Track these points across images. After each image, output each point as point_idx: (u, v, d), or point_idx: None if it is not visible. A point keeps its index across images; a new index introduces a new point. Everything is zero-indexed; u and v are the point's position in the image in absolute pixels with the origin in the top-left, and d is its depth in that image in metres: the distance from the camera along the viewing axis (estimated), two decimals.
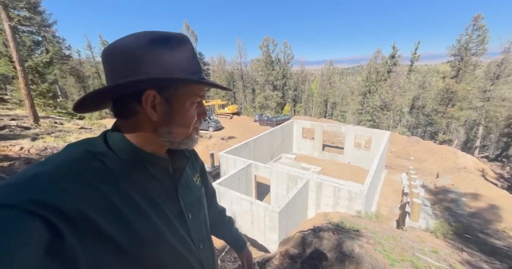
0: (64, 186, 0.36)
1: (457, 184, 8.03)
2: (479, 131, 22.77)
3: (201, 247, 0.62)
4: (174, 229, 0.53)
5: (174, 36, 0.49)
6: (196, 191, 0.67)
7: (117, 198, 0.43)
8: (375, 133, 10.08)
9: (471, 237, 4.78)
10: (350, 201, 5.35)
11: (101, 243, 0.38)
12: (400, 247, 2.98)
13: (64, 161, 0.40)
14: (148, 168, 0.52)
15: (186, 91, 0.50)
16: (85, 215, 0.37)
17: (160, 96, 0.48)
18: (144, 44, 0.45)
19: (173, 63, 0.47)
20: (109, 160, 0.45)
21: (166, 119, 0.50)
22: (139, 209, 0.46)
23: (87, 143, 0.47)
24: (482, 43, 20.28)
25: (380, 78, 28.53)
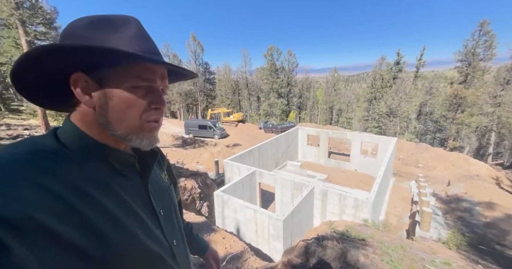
0: (7, 191, 0.32)
1: (470, 192, 7.71)
2: (492, 137, 22.03)
3: (175, 243, 0.59)
4: (144, 226, 0.49)
5: (116, 17, 0.46)
6: (166, 187, 0.65)
7: (74, 198, 0.38)
8: (382, 139, 9.92)
9: (486, 248, 4.53)
10: (356, 209, 5.20)
11: (59, 249, 0.34)
12: (410, 258, 2.85)
13: (7, 162, 0.35)
14: (113, 164, 0.48)
15: (122, 71, 0.43)
16: (36, 220, 0.32)
17: (89, 77, 0.43)
18: (84, 25, 0.43)
19: (107, 39, 0.42)
20: (61, 158, 0.41)
21: (101, 106, 0.44)
22: (103, 208, 0.41)
23: (32, 142, 0.42)
24: (490, 48, 20.03)
25: (385, 84, 28.39)
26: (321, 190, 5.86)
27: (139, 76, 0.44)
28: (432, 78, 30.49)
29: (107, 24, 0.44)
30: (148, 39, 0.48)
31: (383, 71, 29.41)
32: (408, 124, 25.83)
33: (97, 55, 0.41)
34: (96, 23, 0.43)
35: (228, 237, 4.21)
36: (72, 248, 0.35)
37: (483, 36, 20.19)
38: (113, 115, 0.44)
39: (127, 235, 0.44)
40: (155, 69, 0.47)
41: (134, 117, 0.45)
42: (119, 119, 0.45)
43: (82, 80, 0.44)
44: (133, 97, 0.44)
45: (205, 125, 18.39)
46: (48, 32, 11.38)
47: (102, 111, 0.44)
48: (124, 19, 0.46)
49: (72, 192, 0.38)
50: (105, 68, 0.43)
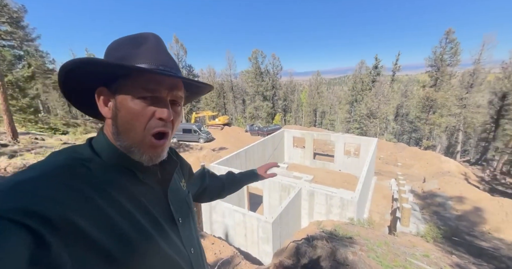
0: (48, 192, 0.35)
1: (443, 188, 8.30)
2: (459, 136, 23.98)
3: (192, 251, 0.60)
4: (164, 233, 0.51)
5: (138, 35, 0.50)
6: (184, 195, 0.66)
7: (105, 203, 0.41)
8: (363, 140, 10.37)
9: (459, 239, 4.91)
10: (342, 208, 5.38)
11: (89, 250, 0.37)
12: (393, 253, 3.02)
13: (49, 168, 0.39)
14: (136, 173, 0.50)
15: (129, 83, 0.46)
16: (72, 221, 0.35)
17: (107, 90, 0.48)
18: (115, 45, 0.49)
19: (127, 57, 0.47)
20: (95, 165, 0.45)
21: (114, 116, 0.48)
22: (128, 214, 0.44)
23: (72, 150, 0.47)
24: (455, 55, 21.93)
25: (365, 87, 29.82)
26: (308, 191, 5.99)
27: (143, 87, 0.46)
28: (406, 82, 32.62)
29: (129, 43, 0.49)
30: (163, 53, 0.51)
31: (363, 74, 30.89)
32: (387, 125, 27.31)
33: (113, 70, 0.45)
34: (120, 44, 0.49)
35: (217, 243, 4.16)
36: (102, 251, 0.38)
37: (449, 43, 22.06)
38: (121, 125, 0.47)
39: (148, 241, 0.46)
40: (160, 80, 0.47)
41: (138, 128, 0.46)
42: (126, 129, 0.47)
43: (103, 92, 0.48)
44: (138, 108, 0.46)
45: (190, 129, 18.04)
46: (14, 32, 10.58)
47: (114, 121, 0.48)
48: (143, 36, 0.50)
49: (102, 197, 0.42)
50: (118, 80, 0.47)
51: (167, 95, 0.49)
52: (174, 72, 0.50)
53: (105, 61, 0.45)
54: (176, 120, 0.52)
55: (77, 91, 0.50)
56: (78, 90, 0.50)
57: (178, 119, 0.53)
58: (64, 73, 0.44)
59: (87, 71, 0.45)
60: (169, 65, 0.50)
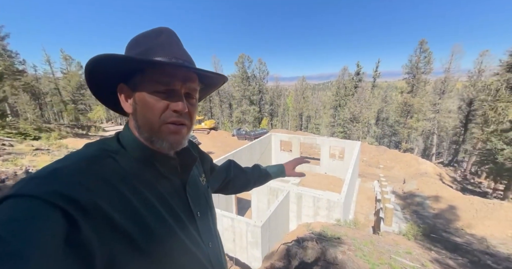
0: (81, 180, 0.38)
1: (421, 188, 8.80)
2: (434, 139, 25.65)
3: (210, 245, 0.61)
4: (184, 226, 0.53)
5: (153, 30, 0.52)
6: (203, 190, 0.67)
7: (130, 194, 0.43)
8: (347, 143, 10.75)
9: (436, 236, 5.21)
10: (329, 210, 5.51)
11: (116, 237, 0.38)
12: (378, 251, 3.14)
13: (81, 158, 0.43)
14: (157, 167, 0.52)
15: (145, 78, 0.48)
16: (101, 208, 0.37)
17: (127, 86, 0.50)
18: (130, 43, 0.51)
19: (142, 53, 0.48)
20: (121, 158, 0.47)
21: (133, 110, 0.50)
22: (151, 206, 0.46)
23: (103, 142, 0.50)
24: (429, 63, 23.63)
25: (348, 93, 31.05)
26: (296, 194, 6.07)
27: (157, 80, 0.47)
28: (386, 88, 34.50)
29: (144, 39, 0.50)
30: (177, 46, 0.52)
31: (346, 80, 32.20)
32: (369, 128, 28.55)
33: (130, 66, 0.47)
34: (137, 40, 0.51)
35: None
36: (127, 239, 0.40)
37: (423, 53, 23.74)
38: (140, 118, 0.49)
39: (169, 232, 0.48)
40: (173, 72, 0.48)
41: (154, 120, 0.48)
42: (144, 122, 0.49)
43: (123, 88, 0.51)
44: (153, 101, 0.47)
45: None
46: None
47: (134, 116, 0.50)
48: (157, 31, 0.51)
49: (128, 187, 0.44)
50: (136, 77, 0.49)
51: (181, 87, 0.50)
52: (187, 64, 0.50)
53: (114, 55, 0.44)
54: (193, 112, 0.53)
55: (103, 89, 0.53)
56: (104, 88, 0.52)
57: (195, 111, 0.54)
58: (88, 72, 0.46)
59: (105, 69, 0.47)
60: (182, 58, 0.51)
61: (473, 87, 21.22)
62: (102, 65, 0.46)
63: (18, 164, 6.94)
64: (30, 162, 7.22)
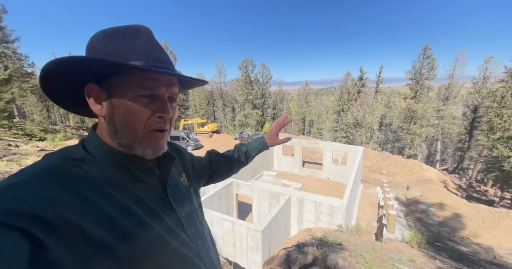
0: (42, 193, 0.34)
1: (425, 195, 8.65)
2: (438, 146, 25.34)
3: (199, 243, 0.60)
4: (169, 228, 0.51)
5: (128, 28, 0.47)
6: (185, 190, 0.65)
7: (102, 201, 0.40)
8: (350, 149, 10.67)
9: (441, 245, 5.09)
10: (331, 216, 5.44)
11: (91, 249, 0.36)
12: (380, 258, 3.07)
13: (41, 169, 0.38)
14: (132, 170, 0.49)
15: (125, 80, 0.44)
16: (69, 221, 0.34)
17: (100, 88, 0.45)
18: (99, 38, 0.46)
19: (118, 52, 0.44)
20: (89, 165, 0.43)
21: (110, 115, 0.46)
22: (129, 211, 0.43)
23: (65, 151, 0.45)
24: (432, 69, 23.56)
25: (351, 98, 31.02)
26: (297, 199, 6.01)
27: (141, 84, 0.44)
28: (389, 93, 34.36)
29: (119, 35, 0.46)
30: (157, 48, 0.49)
31: (349, 85, 32.21)
32: (372, 134, 28.35)
33: (106, 67, 0.43)
34: (109, 36, 0.45)
35: None
36: (103, 248, 0.37)
37: (426, 59, 23.71)
38: (119, 123, 0.45)
39: (153, 235, 0.46)
40: (157, 77, 0.46)
41: (138, 126, 0.46)
42: (125, 127, 0.45)
43: (94, 90, 0.46)
44: (137, 106, 0.44)
45: (178, 136, 17.70)
46: None
47: (110, 120, 0.46)
48: (135, 29, 0.47)
49: (98, 195, 0.40)
50: (112, 78, 0.44)
51: (165, 92, 0.48)
52: (171, 69, 0.49)
53: (101, 59, 0.42)
54: (173, 116, 0.52)
55: (63, 90, 0.48)
56: (64, 89, 0.47)
57: (175, 115, 0.53)
58: (48, 72, 0.41)
59: (74, 69, 0.43)
60: (165, 61, 0.49)
61: (478, 94, 21.06)
62: (69, 67, 0.41)
63: (23, 164, 7.03)
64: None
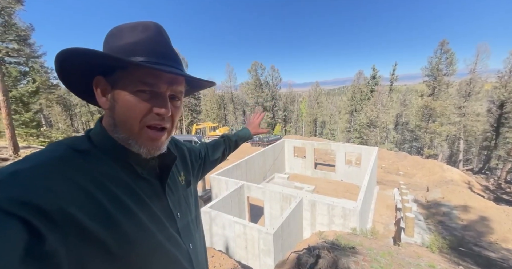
0: (45, 183, 0.34)
1: (447, 197, 8.17)
2: (461, 145, 23.88)
3: (191, 246, 0.60)
4: (163, 228, 0.51)
5: (139, 24, 0.47)
6: (182, 190, 0.65)
7: (103, 196, 0.40)
8: (364, 149, 10.35)
9: (466, 250, 4.76)
10: (345, 218, 5.28)
11: (86, 243, 0.36)
12: (397, 263, 2.94)
13: (46, 158, 0.38)
14: (134, 167, 0.49)
15: (127, 75, 0.45)
16: (68, 213, 0.34)
17: (105, 80, 0.46)
18: (113, 32, 0.47)
19: (125, 47, 0.45)
20: (93, 158, 0.43)
21: (111, 107, 0.46)
22: (127, 208, 0.43)
23: (71, 141, 0.45)
24: (451, 65, 22.40)
25: (364, 97, 30.21)
26: (309, 201, 5.91)
27: (142, 80, 0.44)
28: (405, 91, 33.04)
29: (129, 31, 0.46)
30: (164, 45, 0.49)
31: (361, 84, 31.42)
32: (387, 134, 27.33)
33: (111, 61, 0.44)
34: (121, 31, 0.47)
35: (217, 255, 4.06)
36: (98, 243, 0.37)
37: (444, 54, 22.61)
38: (118, 117, 0.46)
39: (147, 235, 0.46)
40: (158, 74, 0.45)
41: (133, 121, 0.45)
42: (122, 121, 0.46)
43: (101, 82, 0.47)
44: (135, 101, 0.44)
45: (191, 140, 18.07)
46: (21, 49, 10.99)
47: (111, 112, 0.47)
48: (145, 26, 0.47)
49: (99, 190, 0.40)
50: (117, 73, 0.45)
51: (166, 89, 0.47)
52: (175, 66, 0.48)
53: (99, 52, 0.42)
54: (176, 114, 0.51)
55: (76, 78, 0.48)
56: (77, 77, 0.48)
57: (178, 114, 0.52)
58: (60, 61, 0.42)
59: (83, 61, 0.44)
60: (171, 58, 0.49)
61: (504, 88, 19.64)
62: (80, 58, 0.43)
63: None
64: None
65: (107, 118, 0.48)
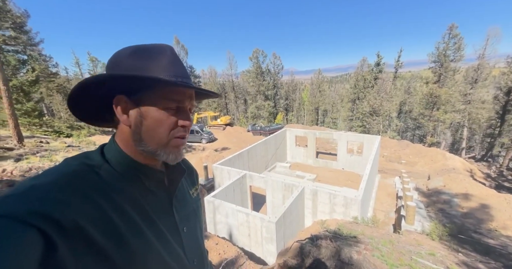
0: (60, 197, 0.37)
1: (448, 185, 8.21)
2: (464, 132, 23.66)
3: (195, 262, 0.60)
4: (167, 243, 0.52)
5: (154, 46, 0.51)
6: (192, 203, 0.66)
7: (112, 211, 0.43)
8: (366, 138, 10.30)
9: (465, 237, 4.84)
10: (346, 207, 5.35)
11: (93, 256, 0.38)
12: (398, 252, 2.99)
13: (61, 173, 0.41)
14: (142, 180, 0.52)
15: (155, 94, 0.48)
16: (80, 226, 0.37)
17: (129, 99, 0.49)
18: (127, 55, 0.49)
19: (147, 68, 0.48)
20: (105, 173, 0.46)
21: (136, 125, 0.50)
22: (134, 224, 0.46)
23: (84, 156, 0.48)
24: (459, 50, 21.60)
25: (367, 85, 29.59)
26: (311, 190, 5.96)
27: (171, 98, 0.49)
28: (409, 78, 32.30)
29: (146, 53, 0.49)
30: (180, 65, 0.53)
31: (365, 72, 30.64)
32: (390, 122, 27.08)
33: (138, 82, 0.48)
34: (137, 53, 0.49)
35: (221, 243, 4.17)
36: (104, 258, 0.40)
37: (452, 39, 21.73)
38: (146, 132, 0.49)
39: (149, 249, 0.47)
40: (184, 91, 0.51)
41: (164, 134, 0.50)
42: (151, 136, 0.49)
43: (122, 101, 0.49)
44: (164, 117, 0.49)
45: (192, 130, 18.10)
46: (18, 37, 10.71)
47: (137, 128, 0.50)
48: (160, 48, 0.51)
49: (110, 204, 0.43)
50: (143, 91, 0.49)
51: (187, 104, 0.53)
52: (190, 82, 0.54)
53: (139, 75, 0.47)
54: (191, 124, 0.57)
55: (85, 104, 0.52)
56: (90, 101, 0.51)
57: (192, 123, 0.58)
58: (79, 89, 0.46)
59: (108, 85, 0.48)
60: (187, 76, 0.53)
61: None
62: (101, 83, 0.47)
63: (53, 160, 7.60)
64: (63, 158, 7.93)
65: (126, 134, 0.51)
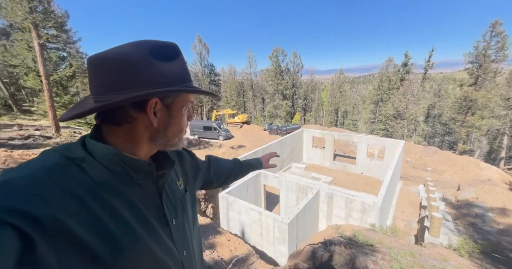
0: (37, 191, 0.34)
1: (481, 197, 7.47)
2: (504, 141, 21.38)
3: (185, 253, 0.60)
4: (156, 236, 0.51)
5: (170, 48, 0.52)
6: (180, 196, 0.65)
7: (96, 205, 0.40)
8: (389, 142, 9.74)
9: (501, 257, 4.36)
10: (363, 213, 5.10)
11: (77, 252, 0.36)
12: (419, 265, 2.77)
13: (38, 166, 0.39)
14: (130, 174, 0.50)
15: (182, 98, 0.55)
16: (60, 222, 0.34)
17: (161, 103, 0.52)
18: (145, 54, 0.47)
19: (172, 73, 0.51)
20: (88, 165, 0.43)
21: (165, 124, 0.54)
22: (120, 217, 0.44)
23: (64, 149, 0.45)
24: (502, 50, 19.50)
25: (392, 86, 27.99)
26: (326, 193, 5.77)
27: (189, 100, 0.58)
28: (441, 80, 29.92)
29: (163, 55, 0.50)
30: (186, 64, 0.58)
31: (390, 72, 29.01)
32: (416, 126, 25.36)
33: (173, 92, 0.52)
34: (154, 53, 0.48)
35: (233, 239, 4.19)
36: (88, 252, 0.38)
37: (494, 37, 19.67)
38: (171, 130, 0.55)
39: (138, 244, 0.46)
40: (195, 95, 0.60)
41: (183, 130, 0.59)
42: (175, 133, 0.56)
43: (157, 104, 0.51)
44: (184, 115, 0.58)
45: (210, 127, 18.48)
46: (59, 35, 11.67)
47: (165, 127, 0.54)
48: (175, 50, 0.54)
49: (93, 198, 0.41)
50: (174, 96, 0.54)
51: None
52: (210, 91, 0.63)
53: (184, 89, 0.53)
54: None
55: None
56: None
57: None
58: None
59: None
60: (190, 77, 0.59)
61: None
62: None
63: None
64: None
65: (136, 133, 0.51)
